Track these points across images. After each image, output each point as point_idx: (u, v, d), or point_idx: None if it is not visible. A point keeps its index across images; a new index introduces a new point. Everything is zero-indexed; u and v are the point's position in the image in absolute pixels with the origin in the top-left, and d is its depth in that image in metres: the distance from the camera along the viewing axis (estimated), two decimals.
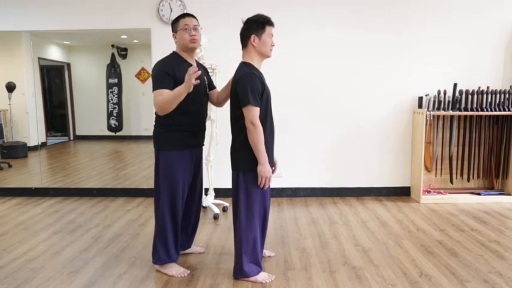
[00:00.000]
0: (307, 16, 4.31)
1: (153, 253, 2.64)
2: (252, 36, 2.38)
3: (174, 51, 2.61)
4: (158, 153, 2.56)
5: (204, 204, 3.97)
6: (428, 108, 4.31)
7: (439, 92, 4.30)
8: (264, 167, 2.35)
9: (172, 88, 2.39)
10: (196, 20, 2.56)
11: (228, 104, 2.57)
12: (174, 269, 2.62)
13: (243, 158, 2.41)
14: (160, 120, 2.54)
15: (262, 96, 2.36)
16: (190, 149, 2.60)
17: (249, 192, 2.43)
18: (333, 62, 4.37)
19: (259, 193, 2.44)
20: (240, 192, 2.45)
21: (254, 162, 2.36)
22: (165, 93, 2.39)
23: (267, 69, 2.62)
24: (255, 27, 2.39)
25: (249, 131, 2.32)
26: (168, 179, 2.53)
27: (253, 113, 2.30)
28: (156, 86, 2.43)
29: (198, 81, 2.30)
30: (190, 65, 2.57)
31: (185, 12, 2.57)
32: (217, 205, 4.03)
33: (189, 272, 2.64)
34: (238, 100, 2.36)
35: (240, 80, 2.34)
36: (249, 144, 2.34)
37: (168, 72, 2.44)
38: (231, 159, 2.51)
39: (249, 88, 2.29)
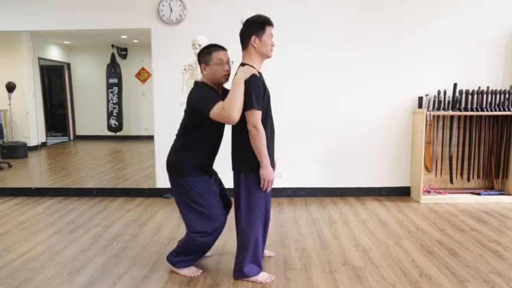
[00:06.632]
0: (307, 15, 4.31)
1: (175, 253, 2.63)
2: (253, 37, 2.38)
3: (204, 83, 2.51)
4: (184, 180, 2.51)
5: None
6: (428, 108, 4.31)
7: (439, 92, 4.30)
8: (266, 170, 2.35)
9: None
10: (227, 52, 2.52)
11: None
12: (187, 269, 2.62)
13: (244, 159, 2.41)
14: (185, 147, 2.50)
15: (263, 98, 2.36)
16: (211, 175, 2.66)
17: (251, 192, 2.43)
18: (332, 61, 4.37)
19: (261, 194, 2.44)
20: (241, 193, 2.45)
21: (255, 163, 2.36)
22: (221, 102, 2.32)
23: (266, 69, 2.62)
24: (255, 28, 2.38)
25: (251, 134, 2.31)
26: (202, 203, 2.51)
27: (256, 116, 2.30)
28: (211, 102, 2.32)
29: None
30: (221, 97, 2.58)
31: (186, 11, 2.51)
32: None
33: (201, 271, 2.64)
34: None
35: None
36: (250, 145, 2.34)
37: (217, 95, 2.43)
38: (232, 160, 2.51)
39: (252, 92, 2.29)
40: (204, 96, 2.40)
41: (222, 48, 2.49)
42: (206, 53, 2.46)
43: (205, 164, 2.60)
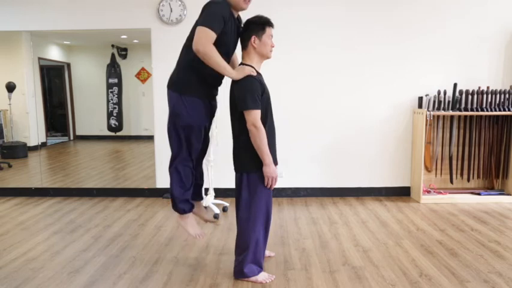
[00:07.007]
0: (307, 16, 4.31)
1: (173, 205, 2.63)
2: (253, 38, 2.38)
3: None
4: (181, 97, 2.44)
5: (204, 204, 3.96)
6: (428, 108, 4.31)
7: (439, 92, 4.30)
8: (269, 168, 2.35)
9: (218, 34, 2.29)
10: None
11: (227, 104, 2.56)
12: (194, 228, 2.69)
13: (246, 159, 2.41)
14: (194, 63, 2.40)
15: (261, 98, 2.36)
16: (212, 100, 2.58)
17: (253, 192, 2.43)
18: (332, 61, 4.37)
19: (263, 194, 2.44)
20: (243, 193, 2.45)
21: (257, 162, 2.37)
22: (210, 33, 2.24)
23: (266, 69, 2.62)
24: (255, 28, 2.39)
25: (251, 133, 2.32)
26: (191, 124, 2.47)
27: (254, 115, 2.30)
28: (207, 23, 2.25)
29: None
30: (238, 20, 2.51)
31: (186, 11, 2.48)
32: (217, 205, 4.03)
33: (204, 234, 2.72)
34: (237, 104, 2.36)
35: (238, 84, 2.35)
36: (251, 145, 2.35)
37: (224, 17, 2.32)
38: (234, 161, 2.51)
39: (247, 92, 2.30)
40: (214, 15, 2.29)
41: None
42: None
43: (208, 85, 2.50)
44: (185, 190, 2.59)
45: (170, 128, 2.53)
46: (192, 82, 2.45)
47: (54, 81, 5.95)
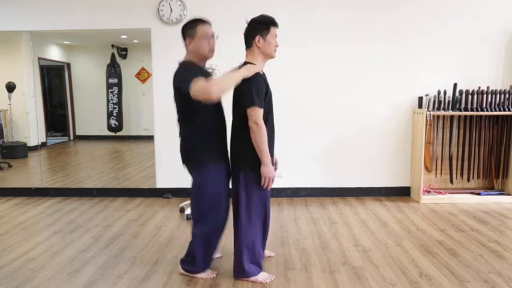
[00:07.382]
0: (307, 16, 4.31)
1: (187, 261, 2.58)
2: (257, 37, 2.38)
3: (188, 61, 2.43)
4: (203, 168, 2.44)
5: None
6: (428, 108, 4.31)
7: (439, 92, 4.30)
8: (267, 168, 2.35)
9: None
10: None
11: (228, 104, 2.56)
12: (203, 273, 2.59)
13: (244, 158, 2.41)
14: (197, 131, 2.41)
15: (265, 97, 2.36)
16: (227, 162, 2.54)
17: (250, 192, 2.43)
18: (332, 61, 4.37)
19: (260, 193, 2.44)
20: (240, 192, 2.45)
21: (255, 162, 2.36)
22: (203, 80, 2.21)
23: (266, 69, 2.62)
24: (259, 27, 2.38)
25: (252, 131, 2.32)
26: (219, 192, 2.47)
27: (257, 113, 2.30)
28: (191, 76, 2.24)
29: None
30: (208, 73, 2.55)
31: (186, 11, 2.49)
32: None
33: (215, 273, 2.61)
34: (241, 100, 2.36)
35: (245, 81, 2.34)
36: (250, 145, 2.34)
37: (197, 69, 2.36)
38: (232, 159, 2.51)
39: (254, 89, 2.30)
40: (190, 70, 2.32)
41: (208, 22, 2.45)
42: (190, 27, 2.42)
43: (217, 145, 2.49)
44: (209, 256, 2.58)
45: (199, 201, 2.50)
46: (203, 150, 2.43)
47: (54, 81, 5.95)
